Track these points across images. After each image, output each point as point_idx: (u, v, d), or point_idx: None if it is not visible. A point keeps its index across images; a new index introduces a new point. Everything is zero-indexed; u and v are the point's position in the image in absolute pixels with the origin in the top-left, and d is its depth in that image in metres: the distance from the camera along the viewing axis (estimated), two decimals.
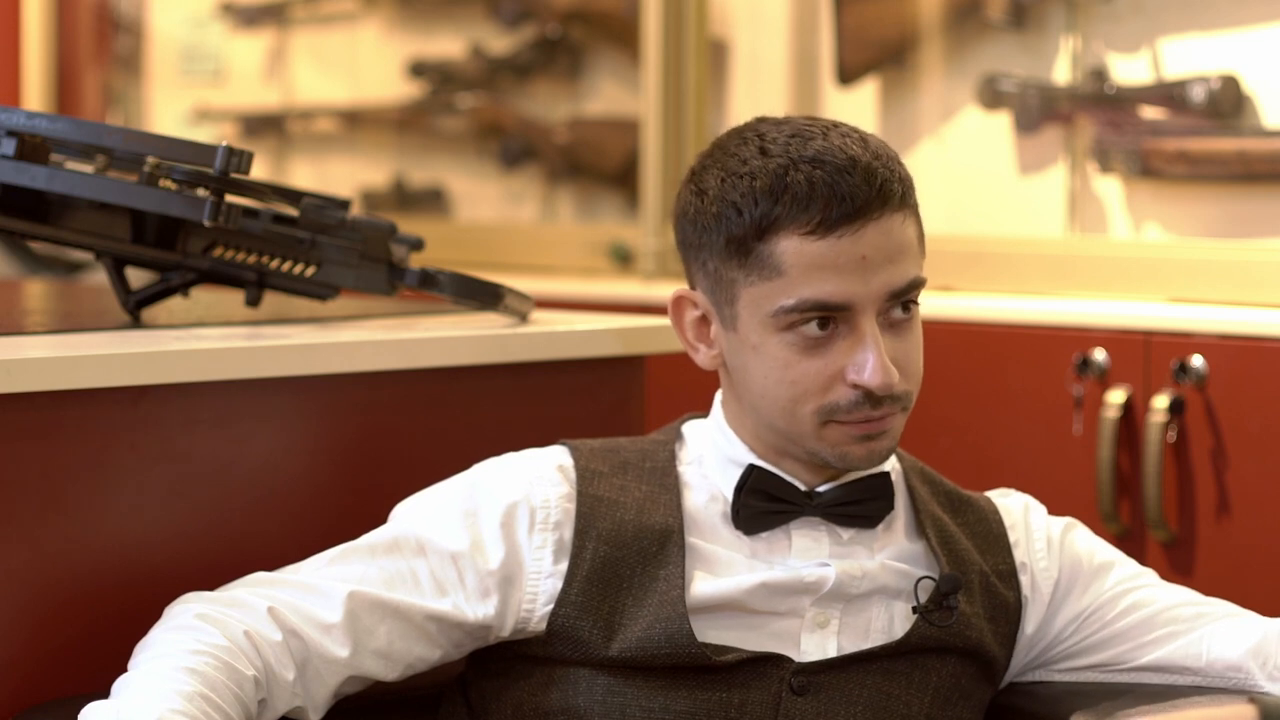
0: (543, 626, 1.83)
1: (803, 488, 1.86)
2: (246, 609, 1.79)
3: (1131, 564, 1.96)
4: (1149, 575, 1.96)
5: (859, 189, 1.77)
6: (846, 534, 1.87)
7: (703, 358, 1.89)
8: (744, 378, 1.85)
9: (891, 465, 1.91)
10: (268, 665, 1.77)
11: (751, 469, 1.85)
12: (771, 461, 1.86)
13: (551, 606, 1.83)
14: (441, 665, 1.90)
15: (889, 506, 1.88)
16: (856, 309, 1.78)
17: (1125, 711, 1.83)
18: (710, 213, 1.82)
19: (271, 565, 1.88)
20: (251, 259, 2.19)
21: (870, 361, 1.77)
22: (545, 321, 2.31)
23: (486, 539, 1.85)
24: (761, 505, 1.85)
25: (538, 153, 3.89)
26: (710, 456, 1.90)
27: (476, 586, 1.84)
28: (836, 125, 1.83)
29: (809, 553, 1.86)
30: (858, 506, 1.86)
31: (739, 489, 1.86)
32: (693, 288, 1.88)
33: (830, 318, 1.78)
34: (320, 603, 1.81)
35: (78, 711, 1.68)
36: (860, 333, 1.78)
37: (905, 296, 1.80)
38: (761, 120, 1.86)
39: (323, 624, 1.81)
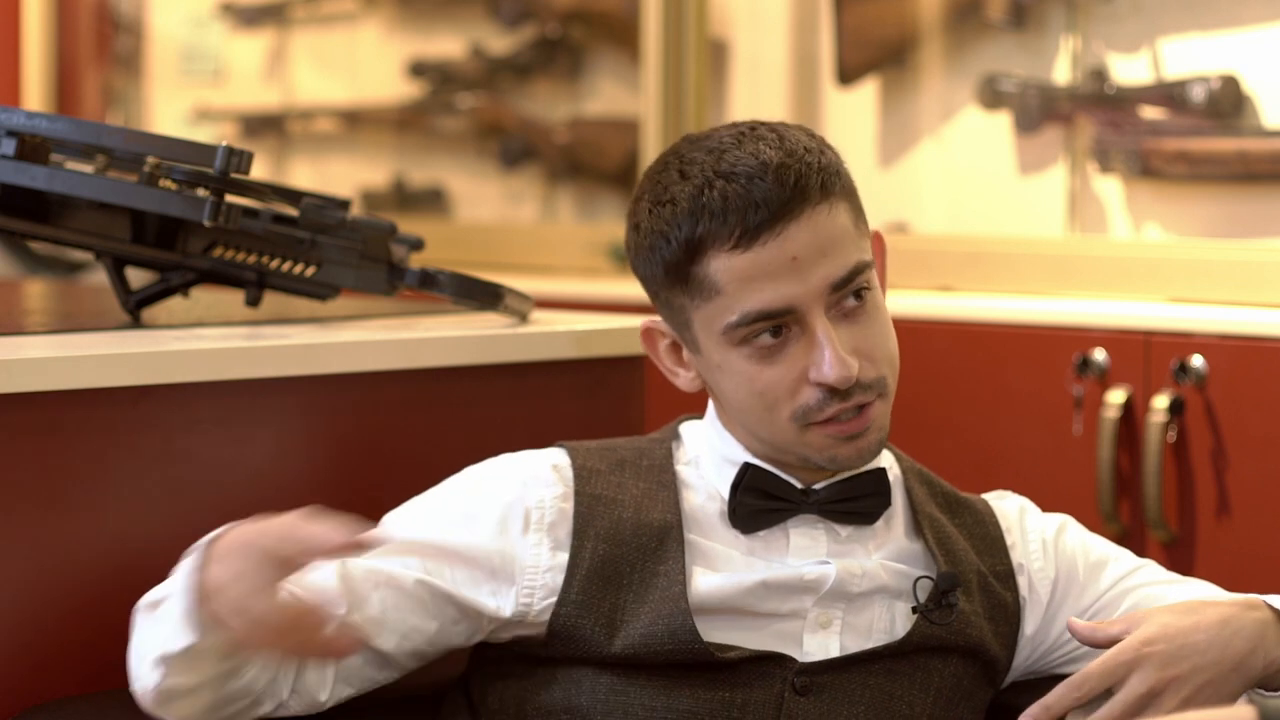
0: (544, 619, 1.83)
1: (799, 485, 1.86)
2: None
3: (1127, 557, 1.96)
4: (1147, 570, 1.95)
5: (772, 192, 1.76)
6: (844, 531, 1.87)
7: (683, 381, 1.90)
8: (720, 395, 1.86)
9: (889, 464, 1.91)
10: None
11: (747, 467, 1.86)
12: (767, 460, 1.86)
13: (551, 602, 1.83)
14: (441, 665, 1.90)
15: (886, 502, 1.88)
16: (802, 309, 1.78)
17: None
18: (645, 245, 1.83)
19: None
20: (251, 259, 2.19)
21: (826, 358, 1.77)
22: (545, 321, 2.31)
23: (482, 541, 1.85)
24: (758, 503, 1.85)
25: (538, 153, 3.89)
26: (706, 457, 1.90)
27: (468, 579, 1.84)
28: (755, 129, 1.82)
29: (807, 551, 1.86)
30: (855, 503, 1.86)
31: (735, 487, 1.86)
32: (660, 317, 1.89)
33: (780, 323, 1.78)
34: (313, 581, 1.81)
35: (78, 712, 1.68)
36: (812, 331, 1.78)
37: (851, 284, 1.80)
38: (685, 140, 1.86)
39: (317, 587, 1.80)
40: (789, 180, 1.77)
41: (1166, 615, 1.77)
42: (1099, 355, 2.70)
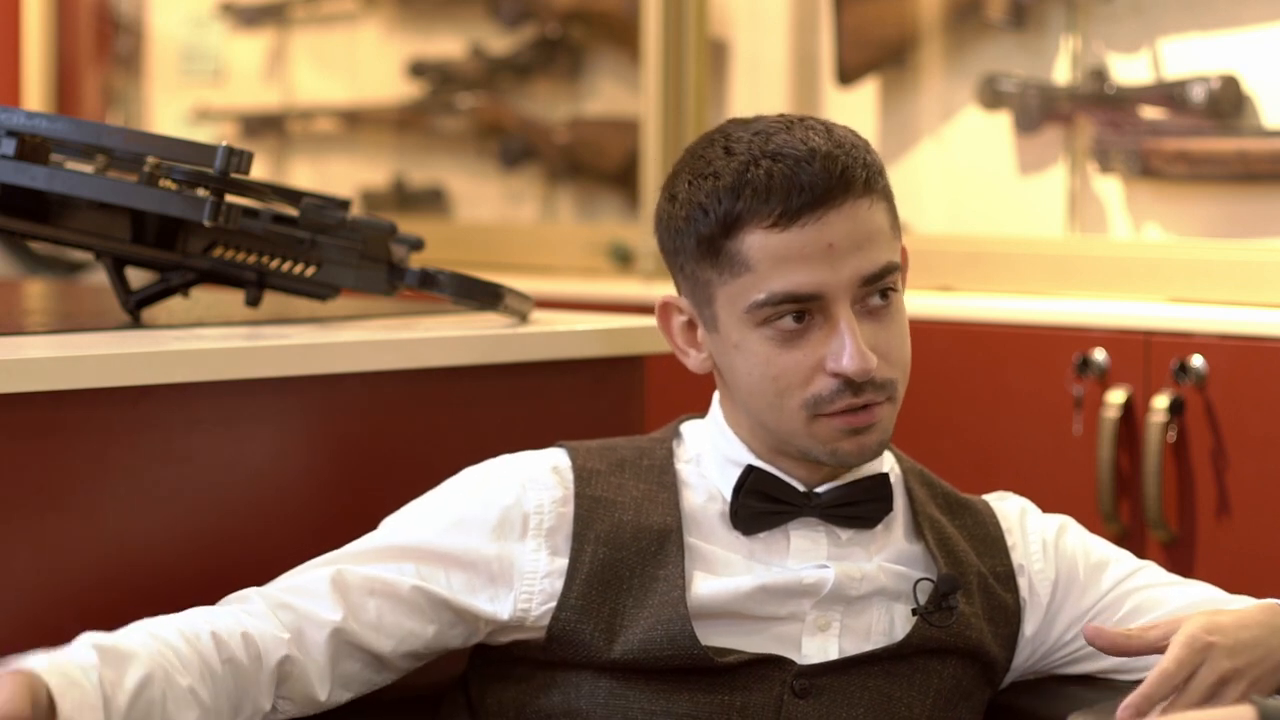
0: (543, 623, 1.83)
1: (801, 488, 1.86)
2: (231, 602, 1.81)
3: (1128, 559, 1.96)
4: (1148, 571, 1.95)
5: (818, 177, 1.77)
6: (845, 535, 1.87)
7: (693, 362, 1.90)
8: (731, 377, 1.85)
9: (890, 467, 1.91)
10: (260, 632, 1.78)
11: (750, 469, 1.85)
12: (770, 461, 1.86)
13: (550, 606, 1.83)
14: (441, 665, 1.90)
15: (888, 508, 1.88)
16: (829, 298, 1.78)
17: None
18: (681, 216, 1.83)
19: (271, 564, 1.88)
20: (251, 259, 2.19)
21: (846, 348, 1.77)
22: (545, 321, 2.31)
23: (480, 545, 1.84)
24: (760, 506, 1.85)
25: (538, 153, 3.89)
26: (708, 456, 1.90)
27: (464, 584, 1.84)
28: (804, 119, 1.83)
29: (807, 554, 1.86)
30: (856, 507, 1.86)
31: (738, 489, 1.86)
32: (679, 293, 1.89)
33: (805, 309, 1.78)
34: (308, 587, 1.82)
35: None
36: (835, 321, 1.78)
37: (879, 282, 1.80)
38: (731, 122, 1.87)
39: (312, 593, 1.81)
40: (835, 169, 1.77)
41: (1205, 616, 1.76)
42: (1099, 355, 2.70)
